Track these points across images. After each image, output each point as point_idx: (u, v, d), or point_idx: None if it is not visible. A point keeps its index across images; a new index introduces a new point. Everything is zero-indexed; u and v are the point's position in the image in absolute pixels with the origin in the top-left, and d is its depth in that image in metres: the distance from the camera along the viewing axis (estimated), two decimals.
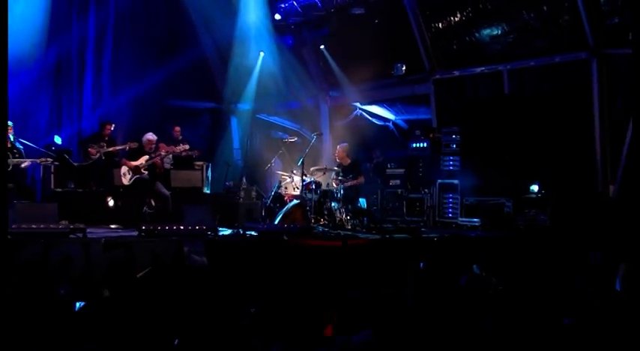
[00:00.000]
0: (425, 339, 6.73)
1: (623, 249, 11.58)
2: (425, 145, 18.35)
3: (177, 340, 6.43)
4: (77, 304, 7.90)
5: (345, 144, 16.79)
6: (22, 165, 14.19)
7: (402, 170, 18.53)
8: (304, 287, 10.02)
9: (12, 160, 13.92)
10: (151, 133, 15.47)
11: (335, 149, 17.05)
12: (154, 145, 15.35)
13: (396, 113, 21.15)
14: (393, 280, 11.29)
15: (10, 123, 14.29)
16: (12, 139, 14.18)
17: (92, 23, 18.84)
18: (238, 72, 20.86)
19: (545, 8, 16.46)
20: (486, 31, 17.86)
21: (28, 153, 14.44)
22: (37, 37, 17.30)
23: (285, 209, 15.30)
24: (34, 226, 11.08)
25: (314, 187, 15.45)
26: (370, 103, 21.27)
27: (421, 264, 12.20)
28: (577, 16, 15.52)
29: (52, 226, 11.36)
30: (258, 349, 6.29)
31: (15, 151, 14.14)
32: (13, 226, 11.10)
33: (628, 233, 12.88)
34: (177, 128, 17.33)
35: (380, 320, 7.42)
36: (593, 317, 7.05)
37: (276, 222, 15.01)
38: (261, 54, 21.10)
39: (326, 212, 15.37)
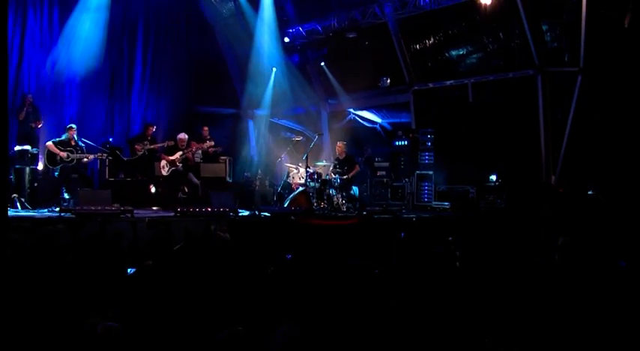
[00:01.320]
0: (408, 291, 6.91)
1: (562, 225, 11.79)
2: (406, 143, 18.44)
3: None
4: (129, 270, 8.03)
5: (344, 142, 16.92)
6: (84, 160, 14.33)
7: (387, 163, 18.59)
8: (309, 256, 10.15)
9: (76, 156, 14.06)
10: (182, 133, 15.72)
11: (335, 146, 17.19)
12: (185, 143, 15.56)
13: (382, 117, 21.16)
14: (382, 248, 11.51)
15: (74, 125, 14.47)
16: (76, 139, 14.32)
17: (139, 45, 18.94)
18: (255, 84, 20.93)
19: (500, 34, 16.59)
20: (455, 52, 17.99)
21: (88, 150, 14.55)
22: (97, 56, 17.40)
23: (292, 195, 15.44)
24: (92, 208, 11.30)
25: (316, 177, 15.60)
26: (361, 109, 21.26)
27: (402, 234, 12.42)
28: (525, 41, 15.67)
29: (106, 208, 11.58)
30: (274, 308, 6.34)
31: (78, 148, 14.24)
32: (77, 208, 11.33)
33: (565, 213, 13.12)
34: (206, 128, 17.38)
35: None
36: (538, 279, 7.25)
37: (285, 205, 15.17)
38: (274, 69, 21.19)
39: (325, 198, 15.47)
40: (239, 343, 4.81)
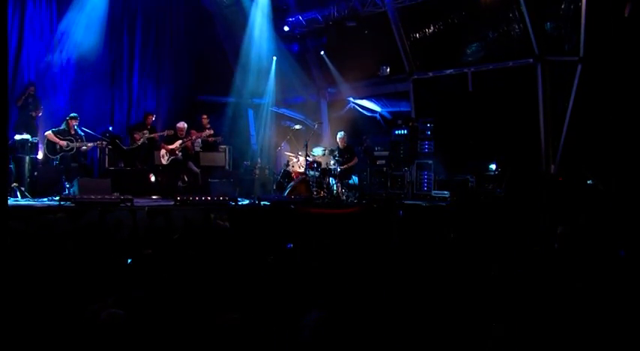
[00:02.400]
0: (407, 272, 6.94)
1: (561, 214, 11.82)
2: (405, 132, 18.40)
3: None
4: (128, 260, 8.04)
5: (343, 132, 16.92)
6: (83, 148, 14.33)
7: (386, 152, 18.52)
8: (308, 243, 10.17)
9: (76, 144, 14.07)
10: (182, 122, 15.77)
11: (334, 135, 17.19)
12: (184, 132, 15.57)
13: (382, 106, 21.16)
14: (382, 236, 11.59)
15: (76, 115, 14.48)
16: (75, 128, 14.31)
17: (139, 34, 18.87)
18: (254, 73, 20.90)
19: (500, 23, 16.54)
20: (454, 41, 17.95)
21: (88, 138, 14.53)
22: (97, 46, 17.39)
23: (292, 184, 15.47)
24: (92, 197, 11.27)
25: (315, 165, 15.62)
26: (361, 98, 21.26)
27: (400, 212, 12.47)
28: (525, 30, 15.67)
29: (106, 196, 11.57)
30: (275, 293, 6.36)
31: (78, 137, 14.25)
32: (77, 197, 11.32)
33: (565, 202, 13.15)
34: (205, 117, 17.38)
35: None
36: (537, 267, 7.27)
37: (285, 194, 15.19)
38: (274, 58, 21.20)
39: (325, 186, 15.51)
40: (235, 329, 4.85)
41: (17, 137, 13.96)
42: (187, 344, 4.99)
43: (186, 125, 15.71)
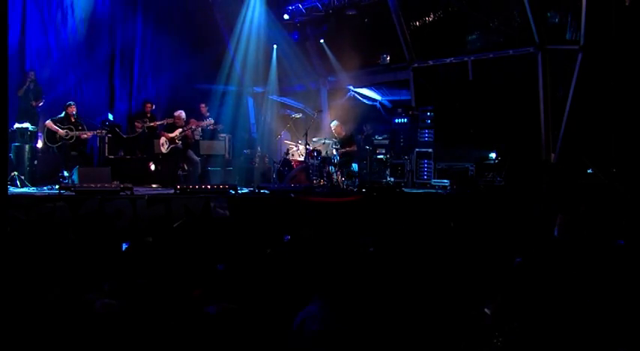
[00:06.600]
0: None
1: (561, 203, 11.82)
2: (405, 120, 18.43)
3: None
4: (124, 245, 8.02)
5: (336, 121, 16.90)
6: (83, 136, 14.32)
7: (386, 141, 18.56)
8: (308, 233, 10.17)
9: (75, 133, 14.08)
10: (180, 111, 15.75)
11: (331, 126, 17.20)
12: (182, 121, 15.58)
13: (382, 95, 21.16)
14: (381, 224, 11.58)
15: (73, 103, 14.48)
16: (75, 116, 14.31)
17: (139, 24, 18.83)
18: (254, 61, 20.89)
19: (501, 12, 16.59)
20: (455, 29, 17.93)
21: (87, 127, 14.55)
22: (97, 34, 17.44)
23: (292, 172, 15.47)
24: (92, 186, 11.26)
25: (315, 154, 15.60)
26: (361, 87, 21.25)
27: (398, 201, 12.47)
28: (526, 19, 15.65)
29: (106, 185, 11.55)
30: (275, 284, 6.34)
31: (78, 124, 14.26)
32: (77, 185, 11.33)
33: (564, 191, 13.17)
34: (204, 106, 17.38)
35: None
36: (537, 257, 7.27)
37: (284, 182, 15.19)
38: (275, 47, 21.20)
39: (325, 175, 15.50)
40: (230, 319, 4.85)
41: (17, 126, 13.97)
42: (181, 334, 5.00)
43: (183, 113, 15.69)
